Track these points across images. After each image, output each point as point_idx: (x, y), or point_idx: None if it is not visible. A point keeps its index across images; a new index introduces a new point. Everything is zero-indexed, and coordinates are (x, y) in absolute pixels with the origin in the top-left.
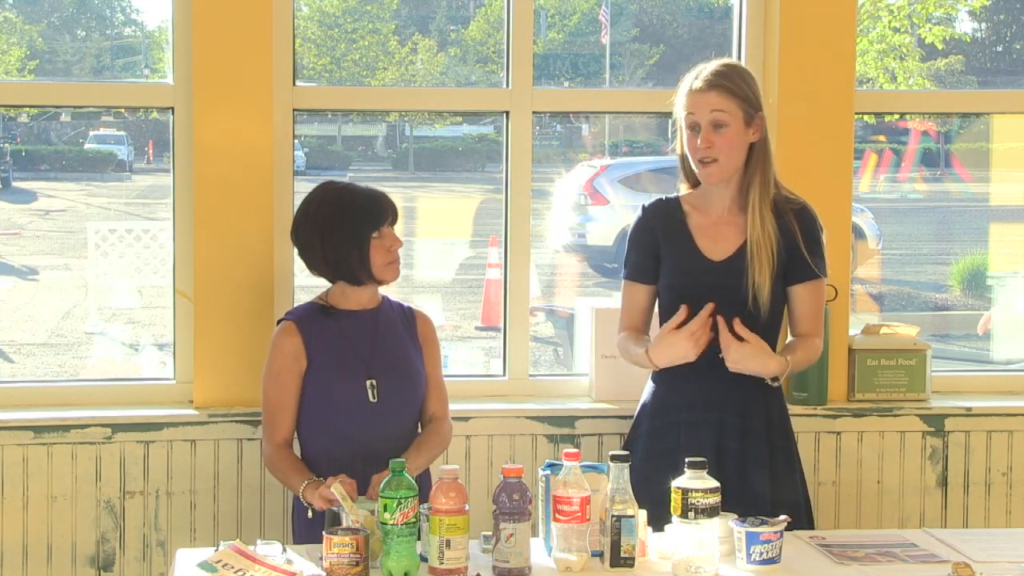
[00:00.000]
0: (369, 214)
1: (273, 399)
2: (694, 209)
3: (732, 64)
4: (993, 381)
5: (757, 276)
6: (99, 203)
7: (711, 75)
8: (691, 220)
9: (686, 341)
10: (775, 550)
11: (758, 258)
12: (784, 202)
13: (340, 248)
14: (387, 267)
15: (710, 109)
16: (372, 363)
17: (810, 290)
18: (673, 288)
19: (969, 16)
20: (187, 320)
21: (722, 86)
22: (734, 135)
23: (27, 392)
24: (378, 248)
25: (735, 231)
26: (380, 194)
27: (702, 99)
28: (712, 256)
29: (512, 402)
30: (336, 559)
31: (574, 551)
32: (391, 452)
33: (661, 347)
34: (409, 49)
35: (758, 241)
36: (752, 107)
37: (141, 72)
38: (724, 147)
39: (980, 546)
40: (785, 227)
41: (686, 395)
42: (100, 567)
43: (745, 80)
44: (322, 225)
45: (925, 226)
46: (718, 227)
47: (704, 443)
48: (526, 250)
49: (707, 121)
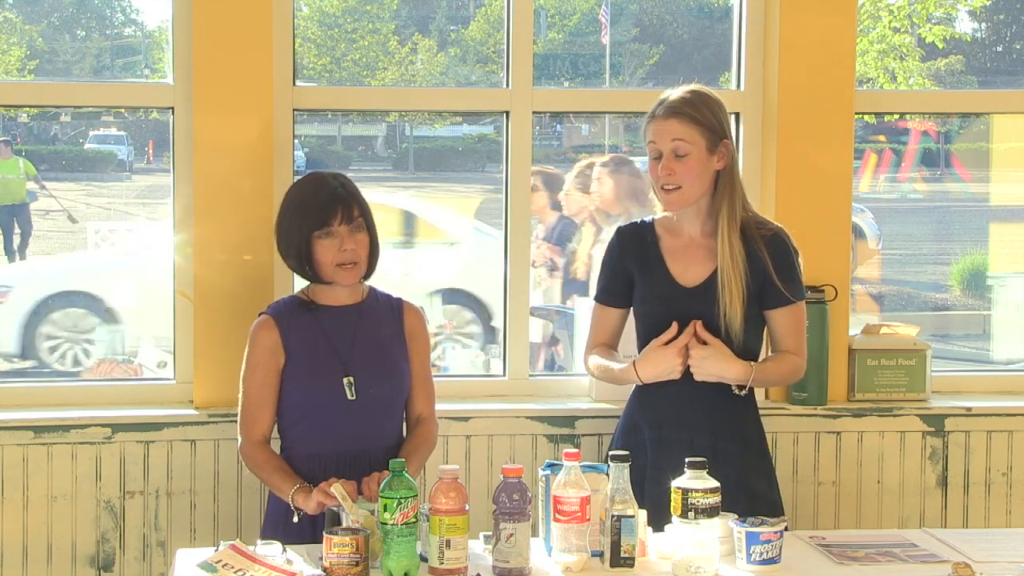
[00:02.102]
0: (313, 211)
1: (251, 395)
2: (666, 232)
3: (697, 91)
4: (993, 381)
5: (728, 308)
6: (99, 203)
7: (674, 102)
8: (663, 243)
9: (675, 357)
10: (775, 550)
11: (728, 289)
12: (755, 228)
13: (286, 243)
14: (338, 268)
15: (671, 137)
16: (351, 360)
17: (786, 314)
18: (647, 315)
19: (969, 16)
20: (187, 320)
21: (684, 114)
22: (696, 163)
23: (27, 392)
24: (327, 248)
25: (707, 254)
26: (341, 193)
27: (664, 127)
28: (684, 282)
29: (512, 402)
30: (336, 559)
31: (574, 551)
32: (371, 451)
33: (648, 362)
34: (409, 49)
35: (728, 272)
36: (716, 135)
37: (141, 72)
38: (685, 175)
39: (980, 546)
40: (755, 254)
41: (656, 413)
42: (100, 567)
43: (710, 108)
44: (279, 218)
45: (925, 226)
46: (690, 250)
47: (673, 461)
48: (526, 250)
49: (668, 149)
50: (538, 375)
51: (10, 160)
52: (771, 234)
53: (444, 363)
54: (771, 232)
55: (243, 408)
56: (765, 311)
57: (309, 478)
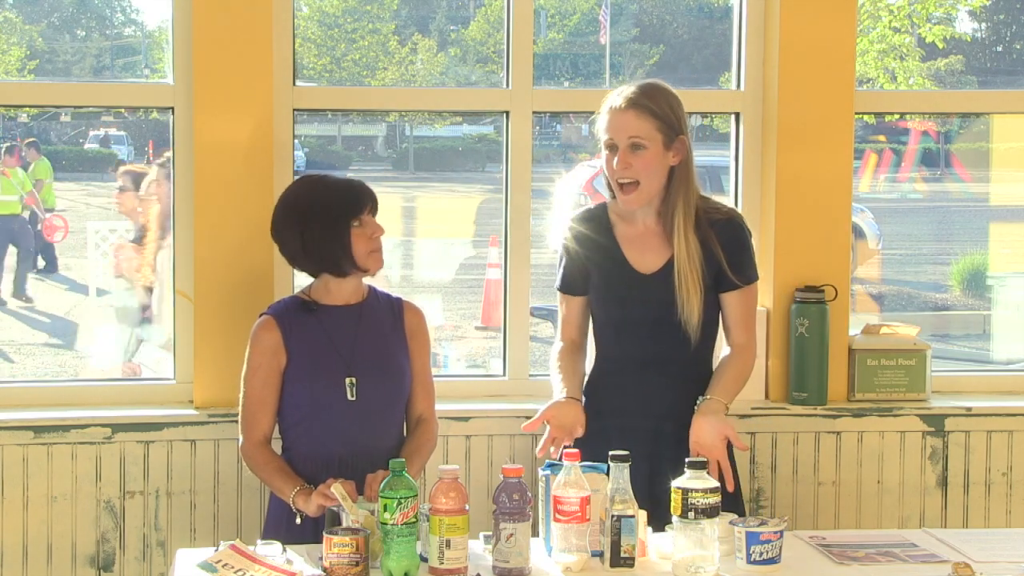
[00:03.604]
0: (347, 202)
1: (252, 395)
2: (620, 219)
3: (655, 84)
4: (993, 381)
5: (686, 304)
6: (99, 203)
7: (632, 95)
8: (618, 230)
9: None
10: (775, 550)
11: (686, 286)
12: (706, 214)
13: (321, 239)
14: (370, 255)
15: (628, 130)
16: (352, 360)
17: (736, 298)
18: (604, 300)
19: (969, 16)
20: (187, 320)
21: (642, 106)
22: (652, 157)
23: (27, 392)
24: (360, 236)
25: (661, 242)
26: (357, 183)
27: (621, 119)
28: (641, 269)
29: (512, 402)
30: (336, 559)
31: (574, 551)
32: (372, 451)
33: (557, 409)
34: (409, 49)
35: (684, 268)
36: (673, 130)
37: (141, 72)
38: (642, 169)
39: (980, 546)
40: (706, 241)
41: (621, 400)
42: (100, 567)
43: (668, 101)
44: (301, 217)
45: (925, 226)
46: (645, 238)
47: (638, 450)
48: (526, 250)
49: (624, 142)
50: (538, 375)
51: (41, 162)
52: (724, 219)
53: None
54: (723, 216)
55: (244, 408)
56: (719, 294)
57: (310, 478)
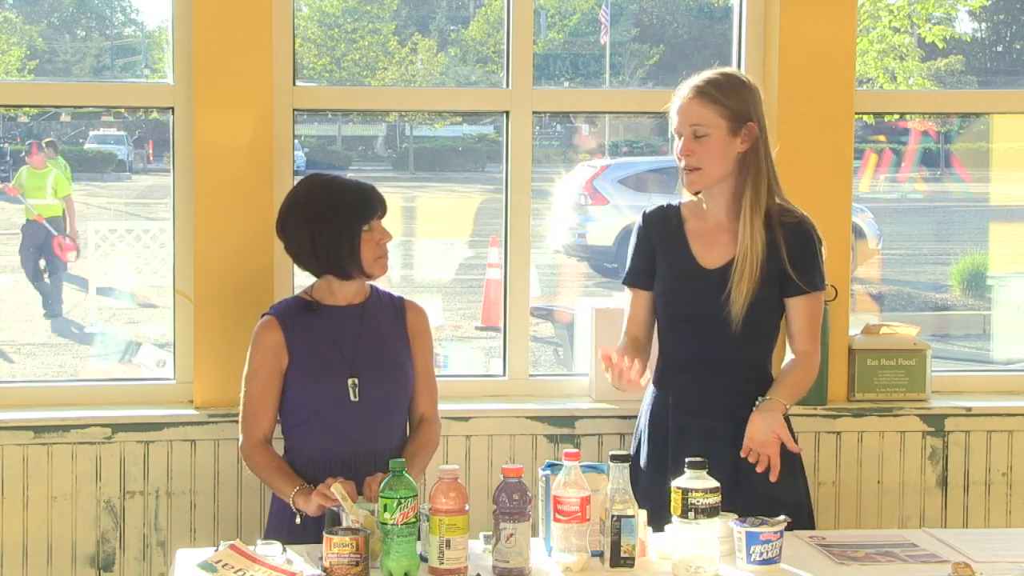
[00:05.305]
0: (359, 207)
1: (253, 395)
2: (692, 215)
3: (726, 73)
4: (993, 381)
5: (735, 288)
6: (99, 203)
7: (699, 83)
8: (688, 226)
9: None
10: (775, 550)
11: (741, 270)
12: (779, 215)
13: (331, 242)
14: (376, 261)
15: (691, 119)
16: (355, 361)
17: (802, 303)
18: (664, 294)
19: (969, 16)
20: (187, 320)
21: (707, 94)
22: (715, 144)
23: (27, 392)
24: (368, 242)
25: (731, 238)
26: (369, 187)
27: (685, 108)
28: (705, 263)
29: (512, 402)
30: (336, 559)
31: (574, 551)
32: (375, 452)
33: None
34: (409, 49)
35: (746, 254)
36: (739, 117)
37: (141, 72)
38: (705, 156)
39: (980, 546)
40: (774, 242)
41: (677, 399)
42: (100, 567)
43: (735, 89)
44: (312, 218)
45: (925, 226)
46: (714, 233)
47: (693, 449)
48: (526, 250)
49: (688, 130)
50: (538, 375)
51: (57, 161)
52: (795, 222)
53: None
54: (795, 220)
55: (245, 408)
56: (785, 299)
57: (312, 479)
